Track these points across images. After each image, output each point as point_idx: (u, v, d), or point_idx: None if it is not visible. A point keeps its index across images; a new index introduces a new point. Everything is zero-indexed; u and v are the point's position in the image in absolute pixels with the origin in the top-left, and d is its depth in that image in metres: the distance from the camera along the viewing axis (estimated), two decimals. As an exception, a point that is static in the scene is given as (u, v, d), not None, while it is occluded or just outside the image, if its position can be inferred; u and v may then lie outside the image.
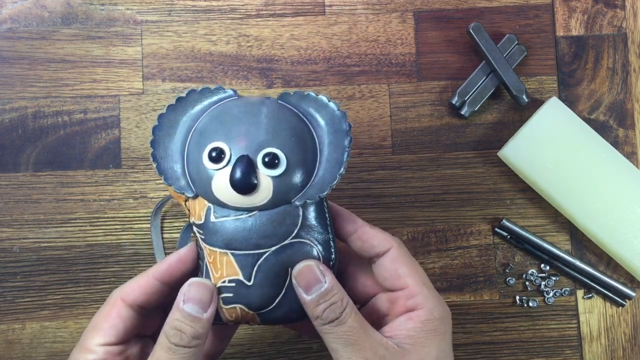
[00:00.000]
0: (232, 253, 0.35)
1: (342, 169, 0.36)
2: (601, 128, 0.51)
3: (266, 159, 0.34)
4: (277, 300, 0.36)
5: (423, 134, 0.52)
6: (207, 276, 0.36)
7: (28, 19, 0.52)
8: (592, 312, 0.51)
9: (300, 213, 0.36)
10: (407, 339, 0.35)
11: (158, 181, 0.51)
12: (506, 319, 0.50)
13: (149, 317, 0.39)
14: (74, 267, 0.50)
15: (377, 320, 0.38)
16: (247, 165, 0.34)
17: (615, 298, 0.50)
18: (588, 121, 0.51)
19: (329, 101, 0.37)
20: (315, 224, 0.36)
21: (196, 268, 0.38)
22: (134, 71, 0.51)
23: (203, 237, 0.36)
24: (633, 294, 0.50)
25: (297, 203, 0.36)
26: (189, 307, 0.34)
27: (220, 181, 0.35)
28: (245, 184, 0.34)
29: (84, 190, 0.50)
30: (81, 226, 0.50)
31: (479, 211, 0.51)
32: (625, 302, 0.50)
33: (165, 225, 0.51)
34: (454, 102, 0.50)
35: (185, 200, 0.37)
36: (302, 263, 0.35)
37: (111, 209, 0.50)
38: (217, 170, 0.35)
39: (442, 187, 0.51)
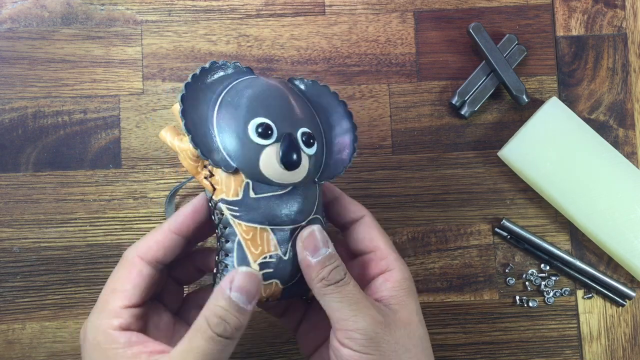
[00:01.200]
0: (272, 228, 0.36)
1: (354, 152, 0.40)
2: (601, 128, 0.51)
3: (304, 138, 0.36)
4: (299, 274, 0.37)
5: (423, 134, 0.52)
6: (241, 255, 0.35)
7: (28, 19, 0.52)
8: (592, 312, 0.51)
9: (319, 191, 0.38)
10: (392, 299, 0.37)
11: (158, 181, 0.51)
12: (506, 319, 0.50)
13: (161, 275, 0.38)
14: (74, 267, 0.50)
15: None
16: (295, 142, 0.35)
17: (615, 298, 0.50)
18: (588, 121, 0.51)
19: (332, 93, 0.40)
20: (321, 201, 0.39)
21: (208, 218, 0.38)
22: (134, 71, 0.51)
23: (238, 214, 0.35)
24: (633, 294, 0.50)
25: (318, 181, 0.38)
26: (236, 297, 0.33)
27: (269, 156, 0.35)
28: (295, 161, 0.35)
29: (84, 190, 0.50)
30: (81, 226, 0.50)
31: (479, 211, 0.51)
32: (625, 302, 0.50)
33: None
34: (454, 102, 0.50)
35: (209, 177, 0.36)
36: (309, 229, 0.37)
37: (111, 209, 0.50)
38: (265, 145, 0.35)
39: (442, 187, 0.51)
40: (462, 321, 0.50)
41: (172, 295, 0.41)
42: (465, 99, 0.50)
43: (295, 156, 0.35)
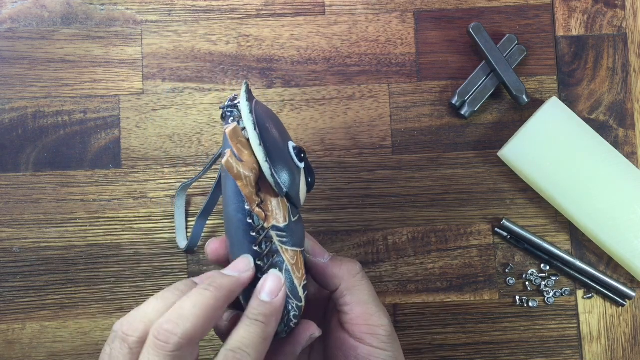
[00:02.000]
0: (302, 251, 0.37)
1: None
2: (601, 128, 0.51)
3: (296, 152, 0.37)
4: None
5: (423, 134, 0.52)
6: (290, 280, 0.35)
7: (28, 19, 0.52)
8: (592, 312, 0.51)
9: None
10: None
11: (158, 181, 0.51)
12: (506, 319, 0.50)
13: None
14: (74, 267, 0.50)
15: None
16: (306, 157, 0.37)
17: (615, 298, 0.50)
18: (588, 121, 0.51)
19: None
20: None
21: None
22: (134, 71, 0.51)
23: (285, 239, 0.35)
24: (633, 294, 0.50)
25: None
26: (266, 297, 0.33)
27: (302, 178, 0.36)
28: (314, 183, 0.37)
29: (84, 190, 0.50)
30: (81, 226, 0.50)
31: (479, 211, 0.51)
32: (625, 302, 0.50)
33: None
34: (454, 102, 0.50)
35: (260, 203, 0.34)
36: (307, 241, 0.38)
37: (111, 209, 0.50)
38: (302, 168, 0.36)
39: (442, 187, 0.51)
40: (462, 321, 0.50)
41: None
42: (465, 99, 0.50)
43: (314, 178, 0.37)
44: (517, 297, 0.50)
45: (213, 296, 0.30)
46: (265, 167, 0.33)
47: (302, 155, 0.36)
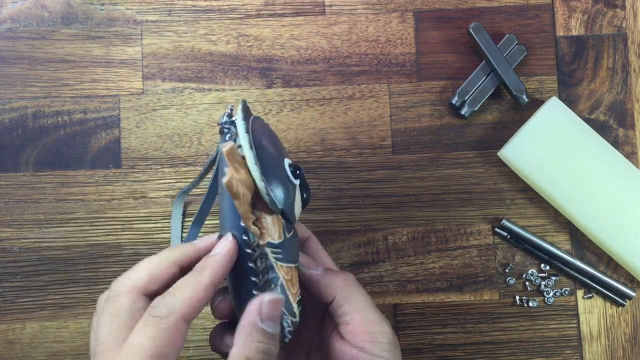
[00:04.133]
0: (296, 266, 0.36)
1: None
2: (601, 128, 0.51)
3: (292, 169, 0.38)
4: None
5: (423, 134, 0.52)
6: (286, 297, 0.35)
7: (28, 19, 0.52)
8: (592, 312, 0.51)
9: None
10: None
11: (158, 181, 0.51)
12: (506, 319, 0.50)
13: None
14: (74, 267, 0.50)
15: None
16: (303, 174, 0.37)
17: (615, 298, 0.50)
18: (588, 121, 0.51)
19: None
20: None
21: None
22: (134, 71, 0.51)
23: (280, 256, 0.35)
24: (633, 294, 0.50)
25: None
26: (269, 325, 0.33)
27: (298, 195, 0.36)
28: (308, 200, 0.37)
29: (84, 190, 0.50)
30: (81, 226, 0.50)
31: (479, 211, 0.51)
32: (625, 302, 0.50)
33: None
34: (454, 102, 0.50)
35: (255, 221, 0.34)
36: (302, 257, 0.38)
37: (111, 209, 0.50)
38: (296, 185, 0.36)
39: (442, 187, 0.51)
40: (462, 321, 0.50)
41: None
42: (465, 99, 0.50)
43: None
44: (517, 297, 0.50)
45: (200, 276, 0.33)
46: (260, 185, 0.33)
47: (298, 172, 0.36)
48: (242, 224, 0.34)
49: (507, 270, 0.51)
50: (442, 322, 0.50)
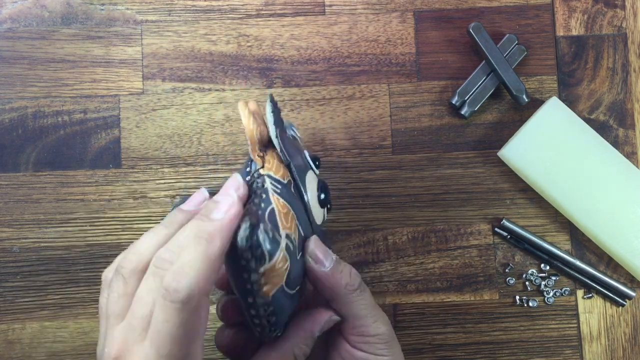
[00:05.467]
0: (297, 219, 0.35)
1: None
2: (601, 128, 0.51)
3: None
4: (297, 289, 0.37)
5: (423, 134, 0.52)
6: (272, 218, 0.33)
7: (28, 19, 0.52)
8: (592, 312, 0.51)
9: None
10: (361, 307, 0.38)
11: (158, 181, 0.51)
12: (506, 319, 0.50)
13: None
14: (74, 267, 0.50)
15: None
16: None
17: (615, 298, 0.50)
18: (588, 121, 0.51)
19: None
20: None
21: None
22: (134, 71, 0.51)
23: (279, 191, 0.34)
24: (633, 294, 0.50)
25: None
26: (317, 337, 0.37)
27: (312, 180, 0.38)
28: (329, 201, 0.39)
29: (84, 190, 0.50)
30: (81, 226, 0.50)
31: (479, 211, 0.51)
32: (625, 302, 0.50)
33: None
34: (454, 102, 0.50)
35: (263, 155, 0.36)
36: (311, 239, 0.36)
37: (111, 209, 0.50)
38: (312, 170, 0.38)
39: (442, 187, 0.51)
40: (462, 321, 0.50)
41: None
42: (465, 98, 0.50)
43: (330, 198, 0.39)
44: (517, 297, 0.50)
45: (211, 245, 0.30)
46: (272, 129, 0.34)
47: (317, 163, 0.38)
48: (248, 170, 0.35)
49: (507, 270, 0.51)
50: (442, 322, 0.50)
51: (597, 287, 0.50)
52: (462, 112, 0.50)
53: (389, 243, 0.51)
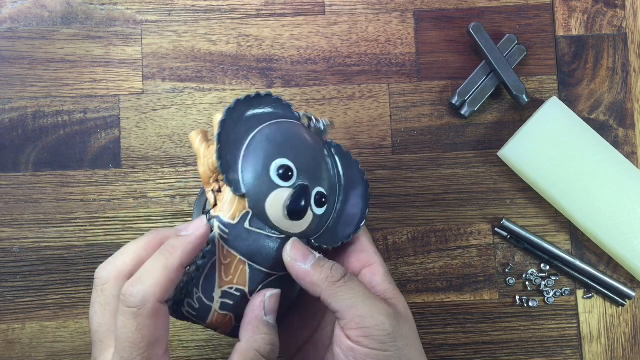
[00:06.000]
0: (249, 264, 0.35)
1: (358, 230, 0.40)
2: (601, 128, 0.51)
3: (317, 197, 0.37)
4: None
5: (423, 133, 0.52)
6: (210, 276, 0.35)
7: (28, 19, 0.52)
8: (592, 312, 0.51)
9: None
10: (386, 293, 0.37)
11: (158, 181, 0.51)
12: (506, 319, 0.50)
13: None
14: (74, 267, 0.50)
15: None
16: (307, 195, 0.36)
17: (615, 298, 0.50)
18: (588, 121, 0.51)
19: (363, 173, 0.40)
20: None
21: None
22: (134, 71, 0.51)
23: (226, 237, 0.35)
24: (633, 293, 0.50)
25: (315, 243, 0.38)
26: (271, 319, 0.35)
27: (278, 198, 0.35)
28: (300, 212, 0.35)
29: (84, 190, 0.50)
30: (81, 226, 0.50)
31: (479, 211, 0.51)
32: (625, 302, 0.50)
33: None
34: (454, 102, 0.50)
35: (216, 191, 0.36)
36: (289, 243, 0.36)
37: (111, 209, 0.50)
38: (280, 187, 0.36)
39: (442, 187, 0.51)
40: (462, 321, 0.50)
41: None
42: (465, 98, 0.50)
43: (302, 208, 0.35)
44: (517, 297, 0.50)
45: (171, 257, 0.33)
46: (215, 148, 0.35)
47: (290, 174, 0.36)
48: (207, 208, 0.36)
49: (507, 270, 0.51)
50: (442, 322, 0.50)
51: (597, 287, 0.50)
52: (462, 112, 0.50)
53: (389, 243, 0.51)
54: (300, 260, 0.36)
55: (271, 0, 0.52)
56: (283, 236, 0.36)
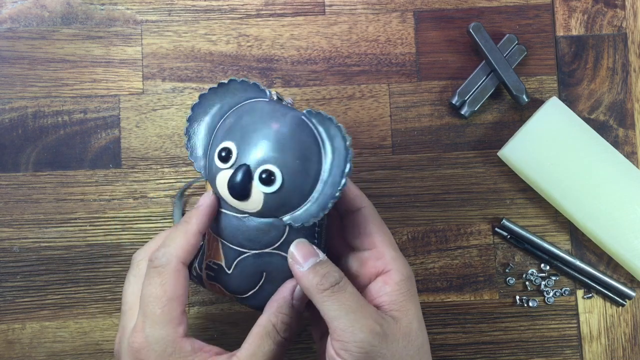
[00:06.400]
0: (221, 241, 0.38)
1: (329, 205, 0.36)
2: (601, 128, 0.51)
3: (263, 175, 0.35)
4: (250, 293, 0.39)
5: (423, 133, 0.52)
6: (203, 250, 0.40)
7: (28, 19, 0.52)
8: (592, 312, 0.51)
9: (286, 230, 0.37)
10: (392, 305, 0.37)
11: (158, 181, 0.51)
12: (506, 319, 0.50)
13: None
14: (74, 267, 0.50)
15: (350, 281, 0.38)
16: (244, 175, 0.35)
17: (615, 298, 0.50)
18: (588, 121, 0.51)
19: (343, 135, 0.36)
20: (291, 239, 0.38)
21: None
22: (134, 71, 0.51)
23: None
24: (633, 293, 0.50)
25: (284, 221, 0.37)
26: (298, 305, 0.37)
27: (222, 180, 0.37)
28: (238, 191, 0.36)
29: (84, 190, 0.50)
30: (81, 226, 0.50)
31: (479, 211, 0.51)
32: (625, 302, 0.50)
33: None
34: (454, 102, 0.50)
35: (207, 181, 0.39)
36: (294, 243, 0.37)
37: (111, 209, 0.50)
38: (222, 169, 0.36)
39: (442, 187, 0.51)
40: (462, 321, 0.50)
41: None
42: (465, 98, 0.50)
43: (241, 187, 0.35)
44: (517, 297, 0.50)
45: (188, 225, 0.37)
46: (185, 139, 0.39)
47: (229, 156, 0.36)
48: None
49: (507, 270, 0.51)
50: (442, 322, 0.50)
51: (597, 287, 0.50)
52: (462, 112, 0.50)
53: (389, 243, 0.51)
54: (298, 262, 0.36)
55: (271, 0, 0.52)
56: (246, 215, 0.37)
